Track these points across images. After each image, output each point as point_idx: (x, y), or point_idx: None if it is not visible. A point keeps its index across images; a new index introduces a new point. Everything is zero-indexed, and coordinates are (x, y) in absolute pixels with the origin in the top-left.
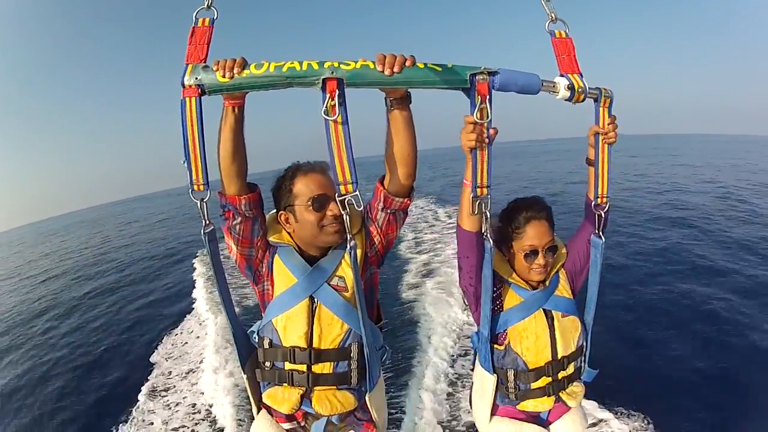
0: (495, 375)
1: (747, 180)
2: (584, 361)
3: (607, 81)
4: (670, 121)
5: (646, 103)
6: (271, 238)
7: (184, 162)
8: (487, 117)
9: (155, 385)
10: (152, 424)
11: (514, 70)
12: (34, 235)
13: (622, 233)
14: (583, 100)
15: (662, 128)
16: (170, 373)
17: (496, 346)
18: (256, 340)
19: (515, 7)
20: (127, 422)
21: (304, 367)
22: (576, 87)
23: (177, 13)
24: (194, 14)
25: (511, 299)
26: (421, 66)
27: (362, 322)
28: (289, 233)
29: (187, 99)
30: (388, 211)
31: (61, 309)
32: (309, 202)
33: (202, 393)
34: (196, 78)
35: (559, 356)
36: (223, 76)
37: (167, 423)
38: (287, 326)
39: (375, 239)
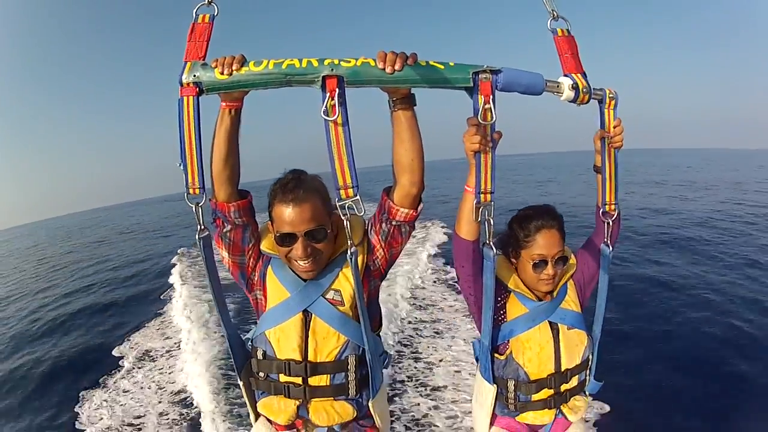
0: (495, 385)
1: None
2: (589, 375)
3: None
4: (669, 135)
5: (644, 116)
6: (264, 247)
7: (180, 164)
8: (492, 118)
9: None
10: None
11: (517, 69)
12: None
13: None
14: (587, 102)
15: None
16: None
17: (497, 355)
18: (251, 348)
19: (515, 5)
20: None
21: (299, 380)
22: (581, 87)
23: (174, 19)
24: (194, 10)
25: (516, 309)
26: (423, 64)
27: (365, 332)
28: None
29: (185, 98)
30: (392, 223)
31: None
32: (277, 234)
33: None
34: (195, 75)
35: (563, 369)
36: (222, 73)
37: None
38: (281, 339)
39: (377, 253)
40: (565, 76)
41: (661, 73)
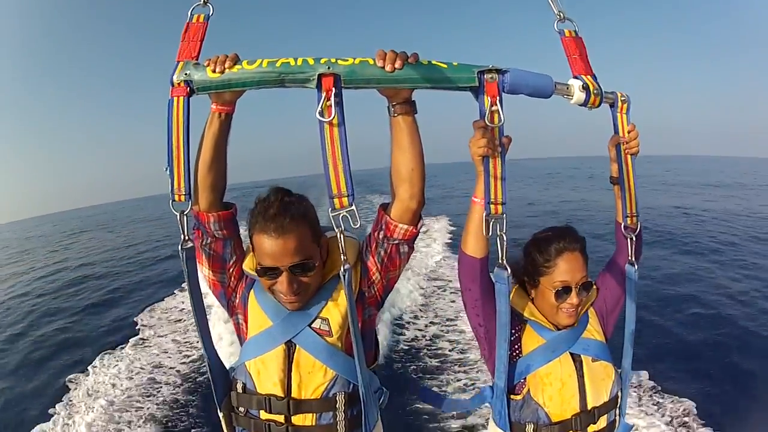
0: None
1: None
2: (619, 414)
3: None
4: (679, 142)
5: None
6: (246, 267)
7: (166, 169)
8: (499, 121)
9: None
10: None
11: (525, 70)
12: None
13: None
14: (599, 105)
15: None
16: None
17: (512, 396)
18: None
19: (522, 5)
20: None
21: (282, 418)
22: (591, 89)
23: (184, 18)
24: (189, 10)
25: (532, 341)
26: (425, 63)
27: (358, 365)
28: None
29: (175, 99)
30: (390, 242)
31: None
32: (258, 267)
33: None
34: (186, 74)
35: (589, 407)
36: (214, 71)
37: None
38: (261, 372)
39: (374, 277)
40: (575, 78)
41: (669, 82)
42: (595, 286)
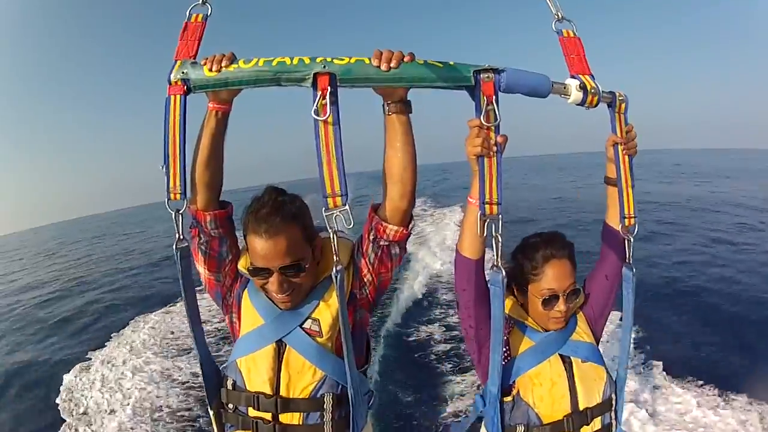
0: None
1: None
2: (615, 418)
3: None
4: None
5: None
6: (241, 267)
7: (162, 167)
8: (495, 120)
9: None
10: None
11: (521, 69)
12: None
13: None
14: (596, 104)
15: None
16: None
17: (503, 398)
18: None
19: (520, 4)
20: None
21: (269, 416)
22: (589, 88)
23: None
24: (188, 10)
25: (522, 344)
26: (421, 62)
27: (348, 367)
28: None
29: (172, 97)
30: (381, 242)
31: None
32: (250, 267)
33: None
34: (183, 72)
35: (581, 407)
36: (210, 70)
37: None
38: (251, 369)
39: (365, 278)
40: (572, 77)
41: (664, 73)
42: (583, 293)
